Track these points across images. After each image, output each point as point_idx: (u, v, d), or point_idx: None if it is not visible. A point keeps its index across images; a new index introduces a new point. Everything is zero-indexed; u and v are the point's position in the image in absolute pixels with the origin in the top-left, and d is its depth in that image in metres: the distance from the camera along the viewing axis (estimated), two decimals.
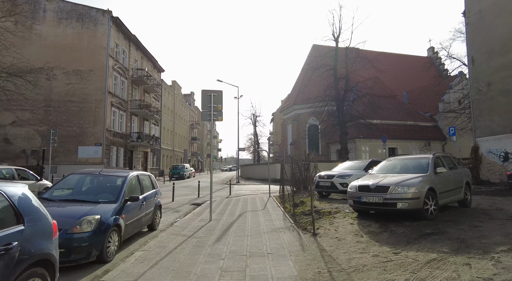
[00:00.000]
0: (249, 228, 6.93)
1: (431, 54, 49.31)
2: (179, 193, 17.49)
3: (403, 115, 33.64)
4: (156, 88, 37.23)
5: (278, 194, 14.72)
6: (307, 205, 9.11)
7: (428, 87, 38.98)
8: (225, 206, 10.91)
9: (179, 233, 6.62)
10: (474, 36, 17.23)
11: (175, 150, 50.02)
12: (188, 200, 13.79)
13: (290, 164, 14.30)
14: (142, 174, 6.80)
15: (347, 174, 9.99)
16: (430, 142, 32.22)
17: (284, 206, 10.17)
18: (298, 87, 40.12)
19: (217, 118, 8.18)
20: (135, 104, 32.47)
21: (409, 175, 6.54)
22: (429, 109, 35.48)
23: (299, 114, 38.44)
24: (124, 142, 30.33)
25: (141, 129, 34.46)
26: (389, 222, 6.17)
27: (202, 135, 77.52)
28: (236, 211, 9.56)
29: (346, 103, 27.83)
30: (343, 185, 9.82)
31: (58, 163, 25.53)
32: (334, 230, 6.01)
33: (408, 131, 32.54)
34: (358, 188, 6.70)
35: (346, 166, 11.45)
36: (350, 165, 11.37)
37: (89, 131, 26.45)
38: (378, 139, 28.63)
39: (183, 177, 34.43)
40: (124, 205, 5.33)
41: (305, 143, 37.66)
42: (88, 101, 26.60)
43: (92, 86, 26.66)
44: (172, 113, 48.67)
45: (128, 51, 31.78)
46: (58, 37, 26.62)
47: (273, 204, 11.08)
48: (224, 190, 18.54)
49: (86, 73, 26.72)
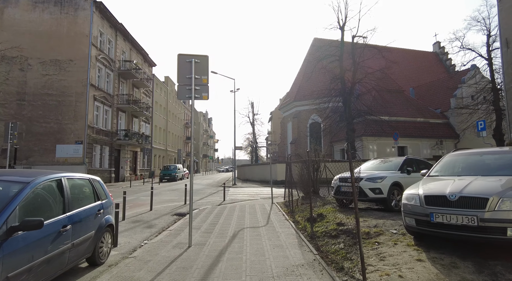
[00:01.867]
0: (248, 266, 4.32)
1: (437, 49, 47.00)
2: (164, 198, 14.86)
3: (412, 111, 31.20)
4: (146, 83, 34.52)
5: (282, 200, 12.15)
6: (328, 219, 6.54)
7: (437, 82, 36.67)
8: (215, 219, 8.30)
9: (132, 275, 4.01)
10: (509, 14, 14.75)
11: (168, 149, 47.29)
12: (172, 208, 11.19)
13: (296, 164, 11.75)
14: (73, 178, 4.19)
15: (379, 176, 7.40)
16: (442, 140, 29.77)
17: (295, 219, 7.59)
18: (298, 83, 37.61)
19: (200, 96, 5.61)
20: (122, 99, 29.76)
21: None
22: (439, 106, 33.08)
23: (300, 111, 35.92)
24: (110, 140, 27.62)
25: (130, 127, 31.76)
26: (486, 260, 3.63)
27: (198, 134, 74.76)
28: (228, 228, 6.95)
29: (353, 97, 25.30)
30: (375, 191, 7.26)
31: (33, 163, 22.83)
32: (398, 276, 3.43)
33: (419, 128, 30.12)
34: (424, 200, 4.12)
35: (371, 166, 8.85)
36: (376, 165, 8.77)
37: (69, 128, 23.74)
38: (388, 137, 26.19)
39: (175, 179, 31.74)
40: (9, 238, 2.77)
41: (306, 142, 35.14)
42: (67, 95, 23.90)
43: (72, 78, 23.97)
44: (165, 111, 45.96)
45: (115, 41, 29.09)
46: (34, 23, 23.90)
47: (278, 216, 8.49)
48: (218, 194, 15.95)
49: (66, 63, 24.04)
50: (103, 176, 26.44)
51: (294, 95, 36.73)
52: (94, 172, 24.85)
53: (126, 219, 8.57)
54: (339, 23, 25.60)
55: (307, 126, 35.45)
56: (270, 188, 12.08)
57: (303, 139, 35.24)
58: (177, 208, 11.18)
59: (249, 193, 17.48)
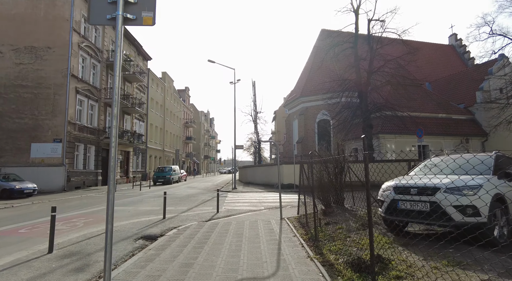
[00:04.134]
0: None
1: (454, 41, 43.68)
2: (142, 208, 11.84)
3: (433, 106, 27.98)
4: (140, 77, 31.59)
5: (295, 213, 9.08)
6: (396, 267, 3.41)
7: (458, 75, 33.46)
8: (193, 253, 5.22)
9: None
10: None
11: (166, 150, 44.34)
12: (144, 224, 8.18)
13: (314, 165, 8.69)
14: None
15: (472, 185, 4.28)
16: (468, 138, 26.52)
17: (324, 257, 4.47)
18: (305, 77, 34.53)
19: (136, 18, 2.63)
20: (112, 94, 26.79)
21: None
22: (461, 100, 29.82)
23: (307, 107, 32.81)
24: (96, 138, 24.70)
25: (120, 124, 28.82)
26: None
27: (199, 134, 71.81)
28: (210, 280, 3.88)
29: (370, 89, 22.20)
30: (466, 211, 4.16)
31: (5, 164, 20.01)
32: None
33: (441, 125, 26.91)
34: None
35: (437, 168, 5.63)
36: (448, 165, 5.53)
37: (46, 124, 20.86)
38: (408, 135, 23.16)
39: (169, 181, 28.74)
40: None
41: (314, 141, 32.04)
42: (44, 87, 21.03)
43: (50, 67, 21.13)
44: (162, 109, 43.03)
45: (102, 29, 26.20)
46: (5, 4, 21.12)
47: (294, 246, 5.40)
48: (212, 202, 12.91)
49: (43, 51, 21.19)
50: (87, 179, 23.53)
51: (300, 90, 33.65)
52: (76, 174, 21.97)
53: (56, 249, 5.58)
54: (353, 5, 22.63)
55: (315, 124, 32.35)
56: (279, 195, 9.00)
57: (310, 138, 32.14)
58: (151, 225, 8.14)
59: (250, 200, 14.42)
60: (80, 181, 22.48)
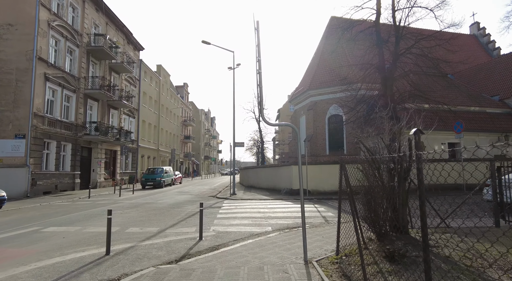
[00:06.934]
0: None
1: (476, 31, 39.79)
2: (90, 229, 8.21)
3: (463, 99, 24.15)
4: (129, 67, 28.04)
5: (335, 248, 5.39)
6: None
7: (488, 64, 29.64)
8: None
9: None
10: None
11: (161, 149, 40.77)
12: (61, 273, 4.50)
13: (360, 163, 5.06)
14: None
15: None
16: (508, 135, 22.69)
17: None
18: (314, 67, 30.82)
19: None
20: (93, 84, 23.25)
21: None
22: (494, 92, 25.99)
23: (316, 101, 29.08)
24: (73, 134, 21.14)
25: (104, 120, 25.25)
26: None
27: (199, 134, 68.23)
28: None
29: (397, 75, 18.48)
30: None
31: None
32: None
33: (473, 120, 23.15)
34: None
35: None
36: None
37: (6, 116, 17.35)
38: (437, 131, 19.42)
39: (160, 185, 25.12)
40: None
41: (325, 139, 28.36)
42: (4, 71, 17.56)
43: (11, 49, 17.65)
44: (157, 105, 39.47)
45: (82, 8, 22.67)
46: None
47: None
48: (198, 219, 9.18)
49: (3, 29, 17.74)
50: (61, 182, 19.98)
51: (308, 83, 29.92)
52: (46, 176, 18.45)
53: None
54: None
55: (325, 120, 28.64)
56: (301, 211, 5.32)
57: (320, 136, 28.46)
58: (71, 275, 4.49)
59: (252, 213, 10.74)
60: (50, 185, 18.92)
